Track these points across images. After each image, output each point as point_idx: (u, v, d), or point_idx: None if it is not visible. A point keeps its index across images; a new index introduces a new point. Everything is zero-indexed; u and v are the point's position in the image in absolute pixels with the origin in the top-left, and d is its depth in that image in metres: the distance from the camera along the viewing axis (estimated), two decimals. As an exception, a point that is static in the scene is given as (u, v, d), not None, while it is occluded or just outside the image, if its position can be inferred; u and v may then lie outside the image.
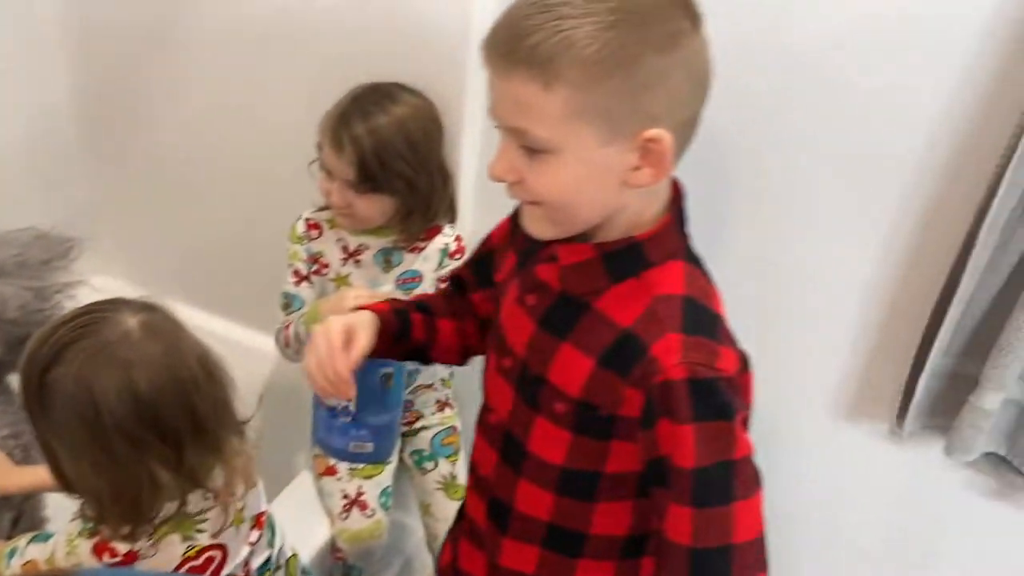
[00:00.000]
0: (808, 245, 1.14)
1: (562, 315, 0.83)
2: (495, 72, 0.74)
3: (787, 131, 1.09)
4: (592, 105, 0.72)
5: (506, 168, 0.77)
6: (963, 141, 1.02)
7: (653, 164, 0.75)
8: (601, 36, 0.69)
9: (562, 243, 0.82)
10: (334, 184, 1.17)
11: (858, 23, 1.00)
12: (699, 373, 0.75)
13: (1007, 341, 1.00)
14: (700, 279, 0.82)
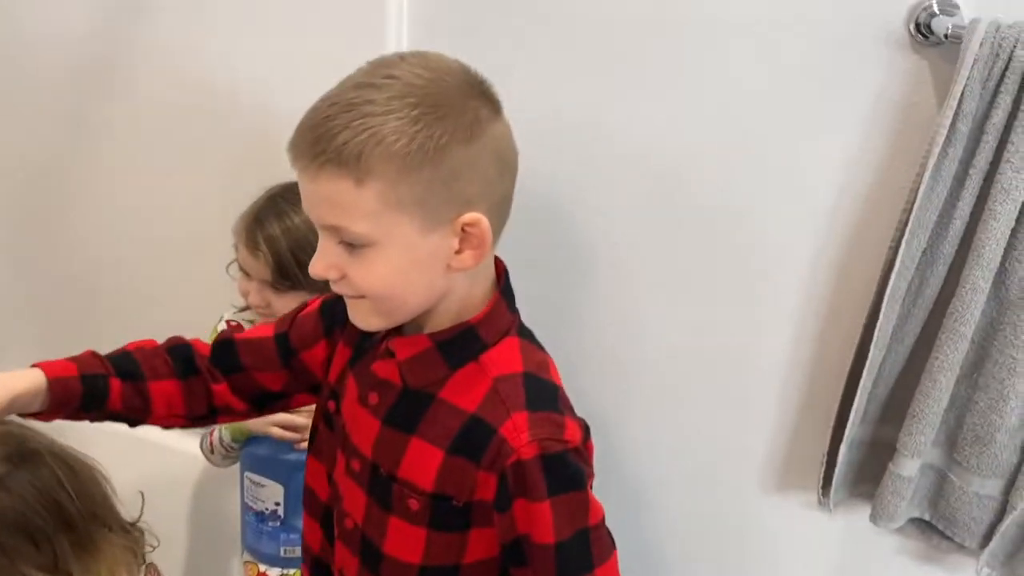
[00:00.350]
0: (720, 323, 1.16)
1: (407, 410, 0.83)
2: (304, 174, 0.75)
3: (689, 211, 1.12)
4: (406, 197, 0.74)
5: (327, 266, 0.78)
6: (858, 220, 1.05)
7: (474, 247, 0.78)
8: (408, 130, 0.72)
9: (396, 337, 0.84)
10: (252, 284, 1.17)
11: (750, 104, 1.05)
12: (549, 448, 0.77)
13: (918, 408, 1.02)
14: (535, 352, 0.85)
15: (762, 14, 1.00)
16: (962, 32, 0.90)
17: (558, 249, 1.20)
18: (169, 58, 1.28)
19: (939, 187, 0.95)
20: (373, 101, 0.73)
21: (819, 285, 1.10)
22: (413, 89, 0.74)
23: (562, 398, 0.84)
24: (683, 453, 1.25)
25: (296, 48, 1.18)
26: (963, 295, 0.96)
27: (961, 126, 0.92)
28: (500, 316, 0.84)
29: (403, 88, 0.73)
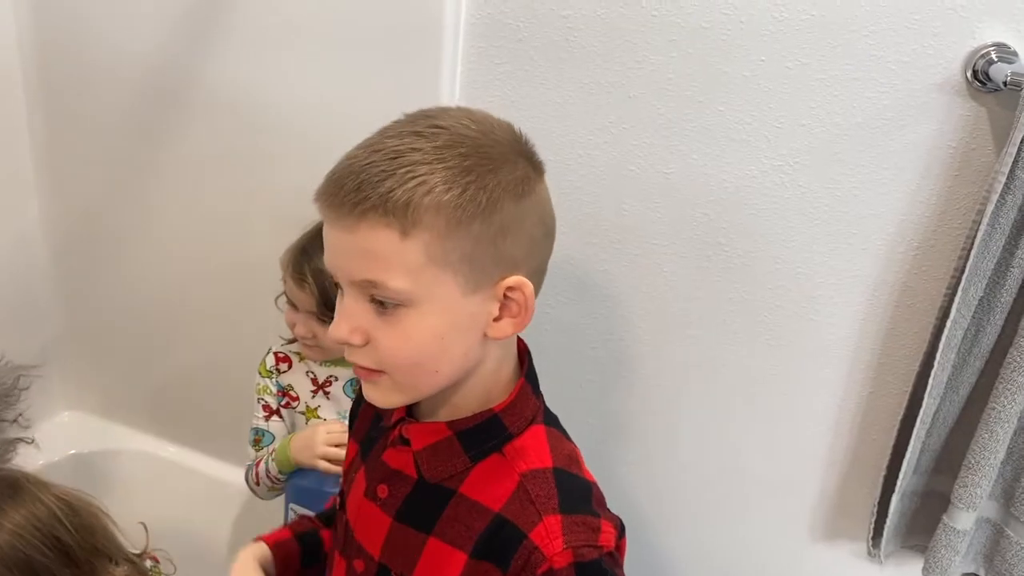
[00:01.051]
0: (773, 370, 1.15)
1: (423, 506, 0.75)
2: (338, 223, 0.68)
3: (743, 260, 1.11)
4: (453, 252, 0.67)
5: (352, 329, 0.69)
6: (913, 267, 1.04)
7: (514, 314, 0.71)
8: (459, 180, 0.66)
9: (412, 424, 0.77)
10: (299, 316, 1.18)
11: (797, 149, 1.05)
12: (585, 556, 0.69)
13: (974, 459, 1.00)
14: (564, 443, 0.77)
15: (818, 61, 0.99)
16: (1021, 79, 0.89)
17: (599, 295, 1.20)
18: (225, 94, 1.31)
19: (997, 234, 0.93)
20: (421, 149, 0.67)
21: (872, 332, 1.09)
22: (463, 139, 0.68)
23: (596, 496, 0.76)
24: (733, 498, 1.24)
25: (352, 90, 1.20)
26: (1021, 345, 0.94)
27: (1020, 173, 0.90)
28: (526, 402, 0.76)
29: (452, 138, 0.68)
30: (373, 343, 0.70)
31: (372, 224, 0.66)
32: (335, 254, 0.70)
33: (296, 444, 1.19)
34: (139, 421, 1.63)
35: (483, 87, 1.15)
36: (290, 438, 1.21)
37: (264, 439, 1.26)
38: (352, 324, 0.70)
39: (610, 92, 1.09)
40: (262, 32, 1.24)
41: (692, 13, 1.02)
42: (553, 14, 1.08)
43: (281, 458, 1.20)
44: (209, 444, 1.57)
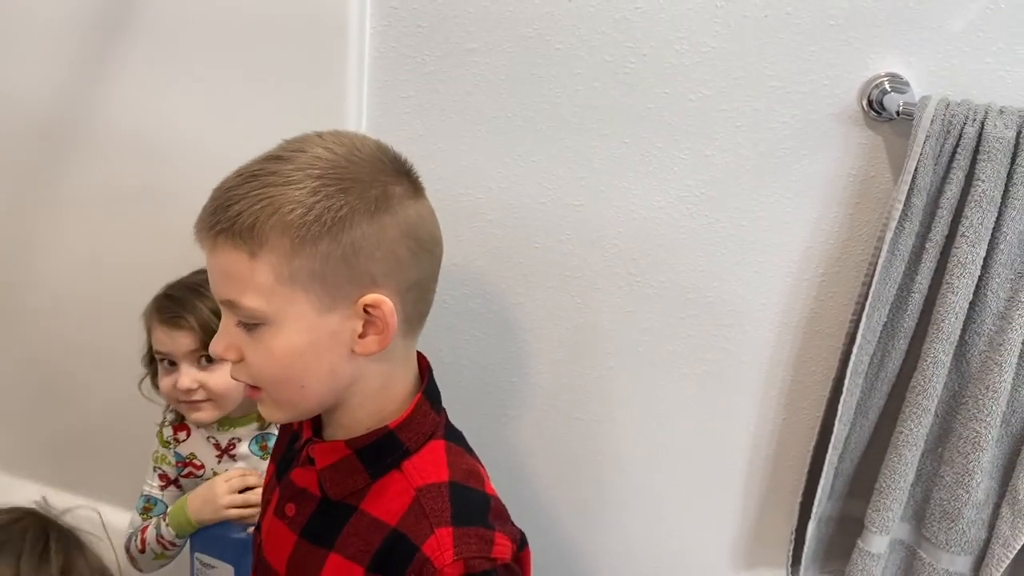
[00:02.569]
0: (685, 402, 1.15)
1: (326, 523, 0.77)
2: (203, 246, 0.72)
3: (653, 291, 1.11)
4: (302, 271, 0.69)
5: (227, 346, 0.73)
6: (820, 294, 1.05)
7: (378, 331, 0.73)
8: (306, 200, 0.68)
9: (317, 443, 0.79)
10: (179, 369, 1.11)
11: (711, 183, 1.05)
12: (475, 567, 0.71)
13: (884, 483, 1.00)
14: (463, 458, 0.79)
15: (719, 93, 1.00)
16: (913, 109, 0.91)
17: (515, 328, 1.18)
18: (122, 129, 1.25)
19: (897, 261, 0.95)
20: (276, 172, 0.69)
21: (783, 360, 1.09)
22: (318, 162, 0.70)
23: (494, 509, 0.77)
24: (651, 534, 1.23)
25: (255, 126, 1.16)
26: (925, 369, 0.95)
27: (916, 201, 0.92)
28: (423, 418, 0.78)
29: (309, 160, 0.70)
30: (245, 360, 0.73)
31: (224, 246, 0.70)
32: (209, 275, 0.73)
33: (195, 504, 1.13)
34: (39, 473, 1.54)
35: (390, 120, 1.13)
36: (185, 500, 1.14)
37: (156, 508, 1.19)
38: (227, 341, 0.73)
39: (518, 125, 1.09)
40: (160, 65, 1.20)
41: (596, 47, 1.02)
42: (459, 47, 1.07)
43: (179, 521, 1.13)
44: (114, 495, 1.49)
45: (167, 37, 1.18)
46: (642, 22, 1.00)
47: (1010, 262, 0.91)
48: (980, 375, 0.95)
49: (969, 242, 0.91)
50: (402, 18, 1.08)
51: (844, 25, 0.95)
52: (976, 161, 0.90)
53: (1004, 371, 0.93)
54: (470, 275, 1.17)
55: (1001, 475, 0.99)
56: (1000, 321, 0.93)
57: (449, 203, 1.14)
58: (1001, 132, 0.88)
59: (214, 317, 1.08)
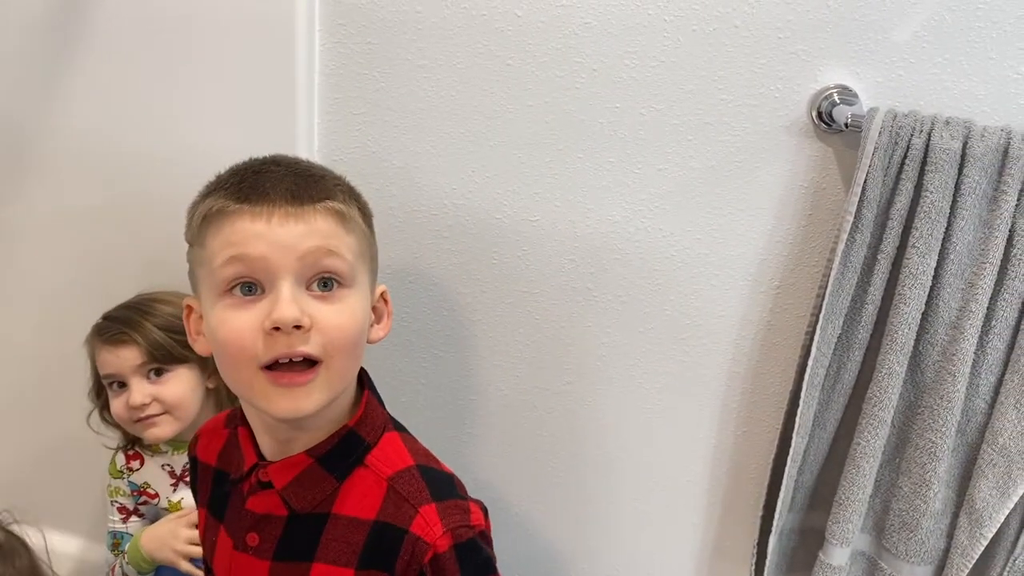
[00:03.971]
0: (644, 414, 1.14)
1: (300, 537, 0.78)
2: (284, 215, 0.72)
3: (610, 302, 1.10)
4: (367, 251, 0.79)
5: (299, 310, 0.71)
6: (776, 306, 1.05)
7: (384, 320, 0.83)
8: (358, 194, 0.81)
9: (267, 466, 0.79)
10: (129, 389, 1.10)
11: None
12: (462, 536, 0.76)
13: (843, 495, 1.00)
14: (417, 443, 0.83)
15: (669, 106, 1.00)
16: (862, 121, 0.91)
17: (473, 346, 1.18)
18: (70, 146, 1.23)
19: (849, 273, 0.95)
20: (324, 167, 0.80)
21: (741, 372, 1.09)
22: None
23: (458, 483, 0.82)
24: (612, 549, 1.22)
25: (204, 144, 1.15)
26: (880, 380, 0.95)
27: (867, 212, 0.92)
28: (375, 413, 0.82)
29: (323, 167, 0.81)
30: (318, 327, 0.73)
31: (321, 214, 0.74)
32: (279, 242, 0.72)
33: (150, 543, 1.11)
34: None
35: (342, 138, 1.12)
36: (140, 535, 1.12)
37: (123, 542, 1.17)
38: (297, 306, 0.72)
39: (472, 141, 1.08)
40: (106, 80, 1.18)
41: (546, 63, 1.02)
42: (410, 64, 1.06)
43: (134, 558, 1.11)
44: (76, 524, 1.46)
45: (115, 51, 1.16)
46: (591, 37, 1.00)
47: (960, 272, 0.92)
48: (934, 385, 0.95)
49: (920, 253, 0.91)
50: (351, 35, 1.07)
51: (792, 37, 0.95)
52: (924, 172, 0.90)
53: (957, 381, 0.93)
54: (426, 292, 1.16)
55: (958, 484, 0.99)
56: (952, 331, 0.93)
57: (404, 220, 1.13)
58: (947, 143, 0.88)
59: (158, 331, 1.07)
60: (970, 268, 0.91)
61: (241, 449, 0.83)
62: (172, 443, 1.16)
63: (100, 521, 1.30)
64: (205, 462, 0.89)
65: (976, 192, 0.89)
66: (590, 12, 0.99)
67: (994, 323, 0.92)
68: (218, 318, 0.74)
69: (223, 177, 0.77)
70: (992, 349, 0.93)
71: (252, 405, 0.78)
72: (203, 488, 0.89)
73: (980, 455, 0.95)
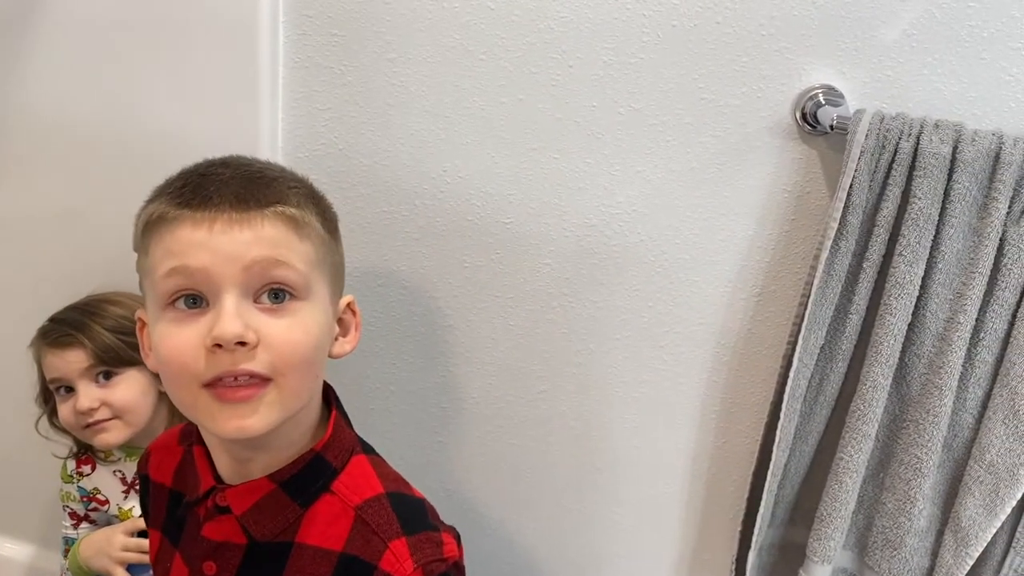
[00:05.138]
0: (620, 426, 1.10)
1: (261, 567, 0.73)
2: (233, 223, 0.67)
3: (587, 307, 1.06)
4: (327, 259, 0.74)
5: (243, 326, 0.66)
6: (756, 314, 1.01)
7: (350, 333, 0.78)
8: (325, 199, 0.77)
9: (226, 489, 0.74)
10: (77, 394, 1.05)
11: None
12: (434, 570, 0.71)
13: (825, 511, 0.96)
14: (387, 467, 0.79)
15: (649, 105, 0.96)
16: (847, 123, 0.87)
17: (445, 352, 1.13)
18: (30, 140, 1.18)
19: (833, 281, 0.91)
20: (270, 167, 0.73)
21: (721, 382, 1.05)
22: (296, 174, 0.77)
23: (430, 510, 0.77)
24: (585, 562, 1.18)
25: (167, 133, 1.10)
26: (864, 392, 0.92)
27: (852, 219, 0.88)
28: (343, 435, 0.77)
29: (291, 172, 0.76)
30: (266, 343, 0.67)
31: (272, 220, 0.69)
32: (222, 251, 0.67)
33: (88, 550, 1.07)
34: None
35: (307, 134, 1.07)
36: (78, 545, 1.08)
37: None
38: (241, 322, 0.66)
39: (441, 139, 1.03)
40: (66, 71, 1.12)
41: (520, 57, 0.97)
42: (379, 58, 1.02)
43: (73, 566, 1.07)
44: (28, 531, 1.41)
45: (72, 39, 1.10)
46: (567, 32, 0.95)
47: (948, 282, 0.88)
48: (920, 399, 0.91)
49: (907, 261, 0.87)
50: (317, 27, 1.02)
51: (776, 35, 0.91)
52: (912, 177, 0.86)
53: (944, 395, 0.89)
54: (395, 296, 1.11)
55: (943, 501, 0.95)
56: (939, 343, 0.89)
57: (371, 221, 1.08)
58: (937, 147, 0.84)
59: (106, 333, 1.03)
60: (959, 278, 0.88)
61: (197, 470, 0.78)
62: (125, 449, 1.11)
63: (53, 528, 1.26)
64: (159, 482, 0.84)
65: (966, 199, 0.85)
66: (566, 5, 0.94)
67: (983, 335, 0.88)
68: (160, 333, 0.69)
69: (169, 180, 0.72)
70: (980, 362, 0.89)
71: (199, 425, 0.74)
72: (156, 510, 0.84)
73: (967, 471, 0.92)
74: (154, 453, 0.86)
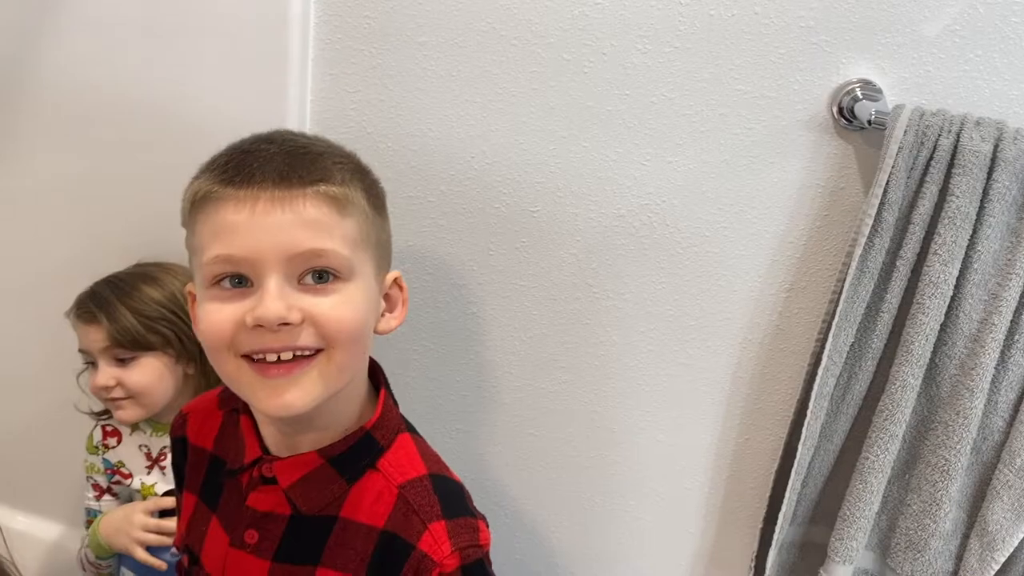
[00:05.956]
0: (642, 421, 1.09)
1: (305, 539, 0.74)
2: (273, 204, 0.67)
3: (612, 303, 1.05)
4: (372, 235, 0.73)
5: (287, 305, 0.67)
6: (784, 310, 1.00)
7: (396, 309, 0.77)
8: (373, 175, 0.76)
9: (275, 461, 0.75)
10: (98, 369, 1.06)
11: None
12: (469, 556, 0.72)
13: (848, 511, 0.95)
14: (429, 448, 0.79)
15: (682, 95, 0.95)
16: (886, 118, 0.86)
17: (468, 340, 1.12)
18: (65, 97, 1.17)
19: (866, 279, 0.90)
20: (316, 142, 0.73)
21: (746, 378, 1.04)
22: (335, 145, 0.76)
23: (467, 495, 0.78)
24: (602, 556, 1.17)
25: (194, 116, 1.09)
26: (893, 392, 0.90)
27: (887, 216, 0.87)
28: (391, 414, 0.78)
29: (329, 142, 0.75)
30: (312, 320, 0.68)
31: (314, 200, 0.68)
32: (265, 236, 0.67)
33: (108, 527, 1.07)
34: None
35: (335, 116, 1.06)
36: (99, 522, 1.08)
37: (96, 520, 1.13)
38: (286, 302, 0.67)
39: (471, 125, 1.02)
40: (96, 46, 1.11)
41: (553, 44, 0.96)
42: (409, 41, 1.01)
43: (93, 542, 1.07)
44: (47, 506, 1.42)
45: (108, 15, 1.10)
46: (603, 19, 0.94)
47: (984, 283, 0.87)
48: (950, 400, 0.90)
49: (942, 261, 0.86)
50: (349, 8, 1.01)
51: (815, 27, 0.89)
52: (951, 175, 0.85)
53: (975, 396, 0.88)
54: (420, 282, 1.10)
55: (970, 505, 0.94)
56: (972, 344, 0.88)
57: (397, 205, 1.05)
58: (977, 145, 0.83)
59: (129, 316, 1.02)
60: (994, 278, 0.86)
61: (242, 439, 0.79)
62: (151, 424, 1.12)
63: (80, 507, 1.26)
64: (199, 446, 0.84)
65: (1005, 198, 0.84)
66: (602, -8, 0.93)
67: (1017, 337, 0.87)
68: (204, 309, 0.70)
69: (215, 156, 0.72)
70: (1014, 364, 0.88)
71: (244, 400, 0.74)
72: (194, 473, 0.84)
73: (995, 475, 0.91)
74: (192, 416, 0.86)
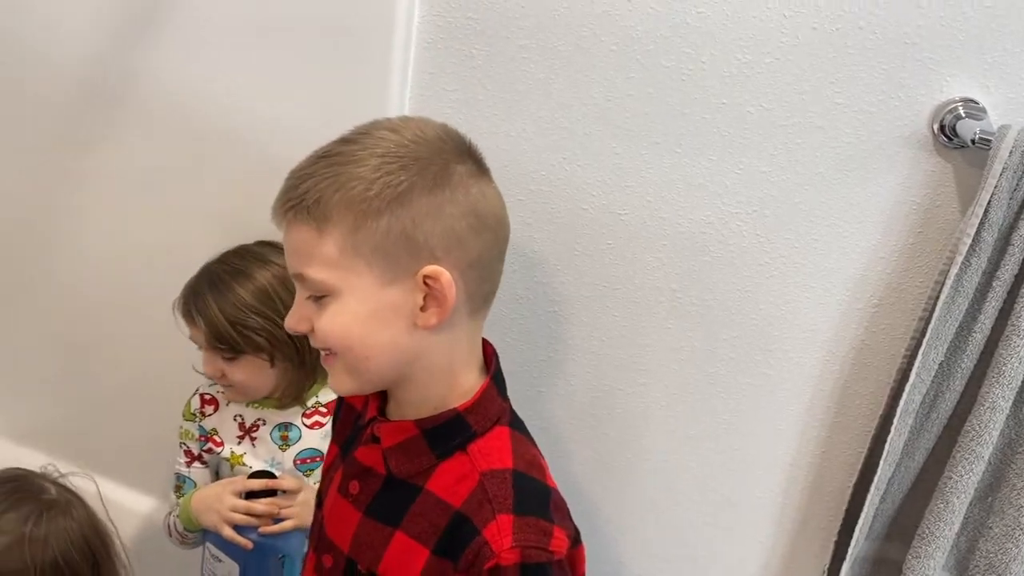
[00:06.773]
0: (720, 428, 1.10)
1: (391, 501, 0.78)
2: (279, 226, 0.76)
3: (700, 311, 1.06)
4: (364, 244, 0.72)
5: (298, 319, 0.77)
6: (872, 326, 1.00)
7: (437, 304, 0.74)
8: (368, 177, 0.72)
9: (383, 423, 0.80)
10: (205, 355, 1.11)
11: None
12: (531, 557, 0.72)
13: (928, 530, 0.95)
14: (527, 447, 0.80)
15: (780, 106, 0.95)
16: (991, 138, 0.85)
17: (546, 336, 1.14)
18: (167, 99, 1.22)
19: (960, 298, 0.89)
20: (343, 152, 0.74)
21: (827, 391, 1.04)
22: (383, 142, 0.74)
23: (555, 502, 0.77)
24: (671, 556, 1.18)
25: (299, 108, 1.13)
26: (981, 413, 0.90)
27: (987, 236, 0.86)
28: (490, 403, 0.79)
29: (374, 140, 0.74)
30: (315, 330, 0.76)
31: (295, 223, 0.74)
32: (285, 253, 0.77)
33: (199, 505, 1.11)
34: (57, 448, 1.52)
35: (432, 113, 1.07)
36: (190, 497, 1.12)
37: (185, 486, 1.18)
38: (297, 315, 0.77)
39: (564, 127, 1.04)
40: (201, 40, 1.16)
41: (652, 50, 0.97)
42: (510, 44, 1.03)
43: (183, 515, 1.12)
44: (125, 472, 1.47)
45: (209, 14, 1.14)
46: (704, 27, 0.95)
47: (1083, 308, 0.86)
48: (1041, 425, 0.89)
49: (1040, 283, 0.85)
50: (453, 8, 1.04)
51: (919, 44, 0.89)
52: (1055, 199, 0.84)
53: (1067, 423, 0.87)
54: (504, 278, 1.12)
55: (1055, 531, 0.93)
56: (1067, 369, 0.87)
57: (488, 203, 1.09)
58: (1085, 169, 0.82)
59: (222, 321, 1.06)
60: (1094, 305, 0.85)
61: (370, 399, 0.85)
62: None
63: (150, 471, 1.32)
64: (350, 403, 0.91)
65: (1110, 224, 0.83)
66: (705, 0, 0.94)
67: (1115, 365, 0.86)
68: None
69: None
70: (1109, 392, 0.87)
71: None
72: (342, 427, 0.91)
73: (1083, 503, 0.89)
74: None
